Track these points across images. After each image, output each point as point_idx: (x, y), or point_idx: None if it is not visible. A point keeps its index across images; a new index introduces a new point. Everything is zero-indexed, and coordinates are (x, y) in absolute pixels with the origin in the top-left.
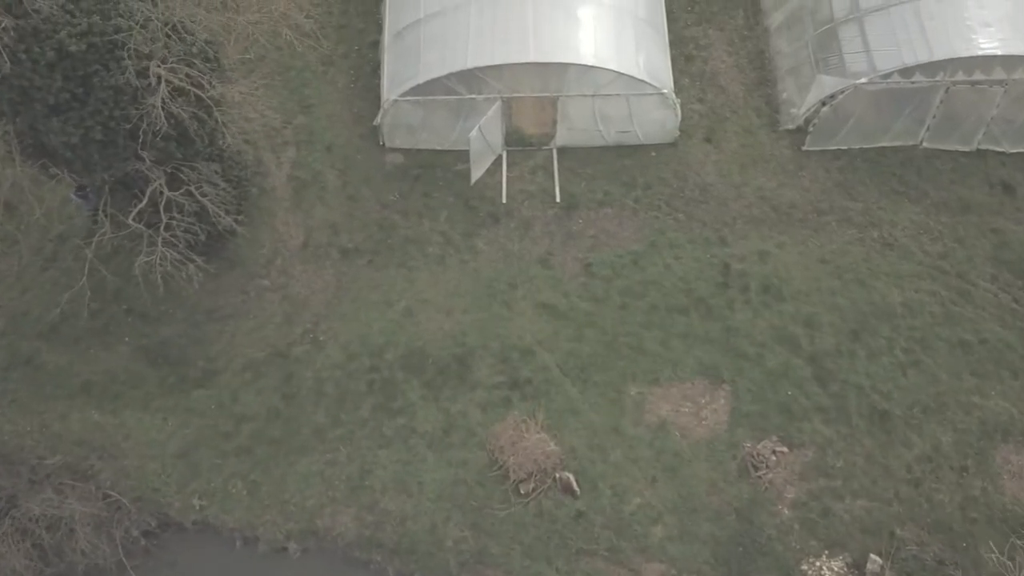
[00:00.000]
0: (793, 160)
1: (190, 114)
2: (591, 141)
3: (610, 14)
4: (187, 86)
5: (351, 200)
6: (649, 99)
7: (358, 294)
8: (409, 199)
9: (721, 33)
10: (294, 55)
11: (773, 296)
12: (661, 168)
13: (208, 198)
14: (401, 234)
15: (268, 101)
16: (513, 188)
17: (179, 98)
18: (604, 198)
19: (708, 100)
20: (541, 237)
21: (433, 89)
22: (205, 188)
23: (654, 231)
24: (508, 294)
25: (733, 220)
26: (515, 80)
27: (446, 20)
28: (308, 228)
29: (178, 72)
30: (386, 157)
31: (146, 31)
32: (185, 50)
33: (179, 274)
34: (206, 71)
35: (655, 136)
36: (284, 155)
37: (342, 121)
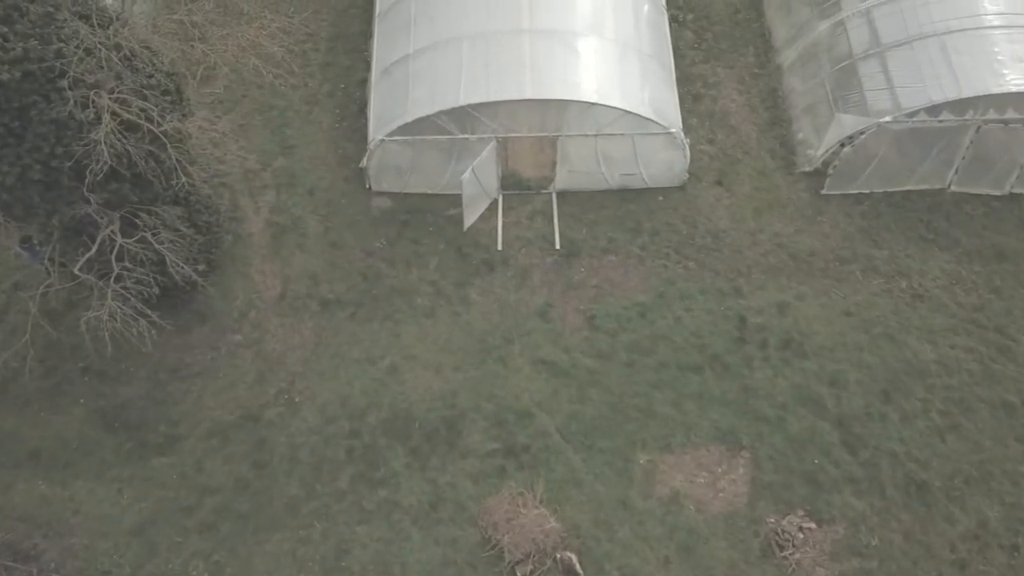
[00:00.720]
0: (811, 204)
1: (145, 152)
2: (593, 184)
3: (613, 48)
4: (139, 120)
5: (333, 247)
6: (656, 139)
7: (338, 350)
8: (396, 246)
9: (730, 71)
10: (276, 94)
11: (794, 352)
12: (669, 213)
13: (167, 246)
14: (387, 284)
15: (247, 142)
16: (509, 234)
17: (132, 134)
18: (608, 245)
19: (718, 141)
20: (540, 287)
21: (423, 128)
22: (163, 235)
23: (663, 281)
24: (503, 350)
25: (748, 269)
26: (511, 119)
27: (436, 55)
28: (286, 278)
29: (129, 105)
30: (372, 201)
31: (92, 58)
32: (141, 82)
33: (130, 332)
34: (165, 105)
35: (662, 179)
36: (262, 199)
37: (326, 163)
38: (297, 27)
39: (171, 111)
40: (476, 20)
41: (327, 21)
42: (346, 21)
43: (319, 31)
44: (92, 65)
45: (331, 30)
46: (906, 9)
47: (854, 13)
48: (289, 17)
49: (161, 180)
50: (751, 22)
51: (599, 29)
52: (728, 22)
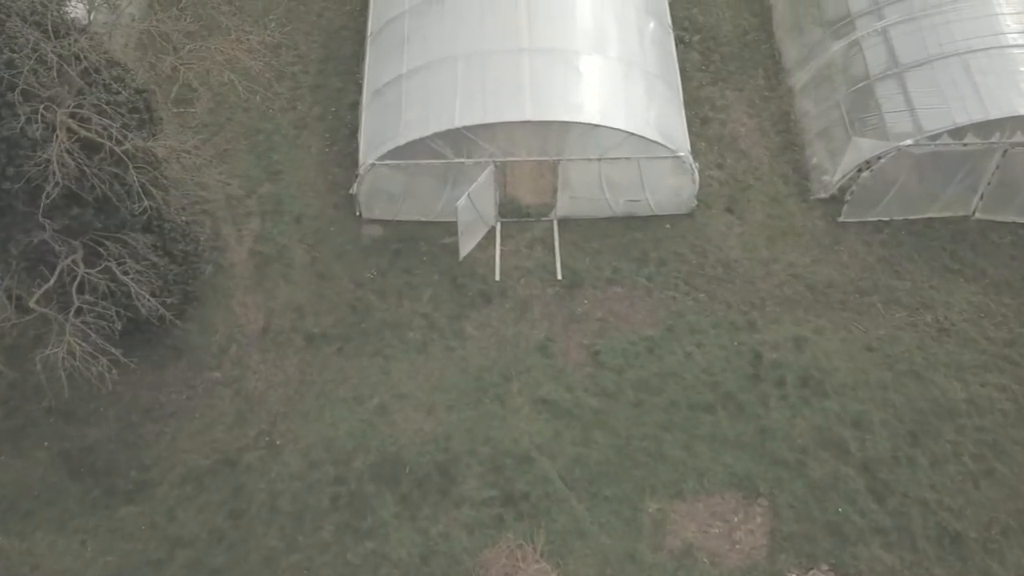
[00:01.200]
0: (828, 233)
1: (109, 175)
2: (597, 211)
3: (617, 67)
4: (100, 139)
5: (320, 278)
6: (663, 163)
7: (324, 388)
8: (387, 277)
9: (740, 94)
10: (263, 117)
11: (814, 391)
12: (677, 242)
13: (133, 276)
14: (377, 317)
15: (231, 167)
16: (508, 264)
17: (94, 154)
18: (612, 275)
19: (728, 166)
20: (540, 320)
21: (416, 152)
22: (129, 265)
23: (671, 314)
24: (501, 388)
25: (762, 301)
26: (509, 142)
27: (430, 75)
28: (269, 311)
29: (88, 122)
30: (363, 229)
31: (47, 69)
32: (106, 98)
33: (89, 371)
34: (132, 123)
35: (670, 206)
36: (246, 227)
37: (314, 189)
38: (279, 42)
39: (139, 130)
40: (472, 38)
41: (318, 43)
42: (337, 43)
43: (309, 53)
44: (48, 78)
45: (322, 52)
46: (925, 28)
47: (869, 33)
48: (270, 32)
49: (128, 205)
50: (760, 43)
51: (602, 48)
52: (736, 43)
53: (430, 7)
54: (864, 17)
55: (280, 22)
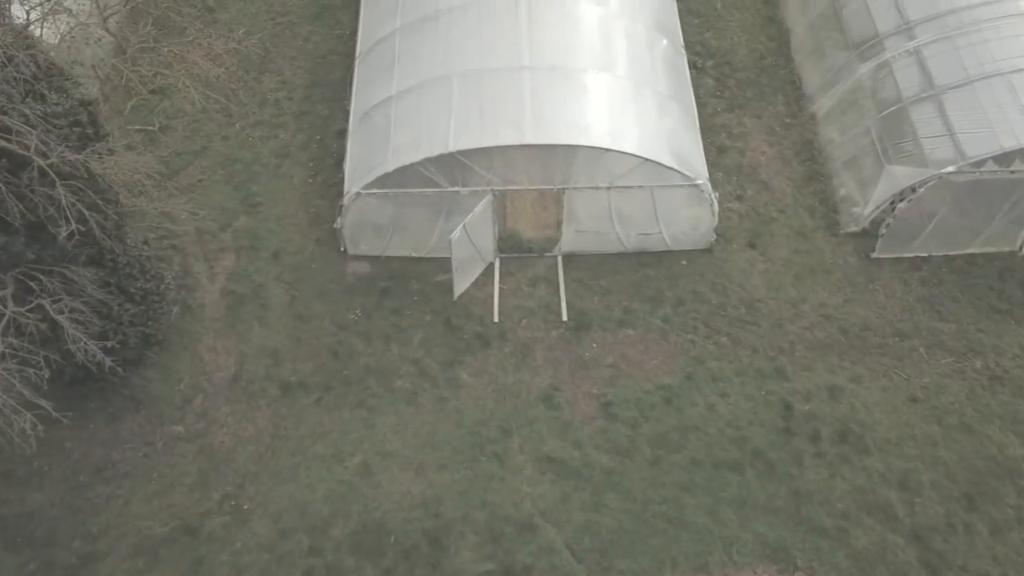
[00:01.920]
0: (861, 270)
1: (42, 196)
2: (606, 246)
3: (627, 87)
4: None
5: (299, 320)
6: (679, 192)
7: (300, 445)
8: (374, 318)
9: (758, 121)
10: (242, 145)
11: (853, 447)
12: (695, 280)
13: (67, 316)
14: (361, 363)
15: (204, 198)
16: (507, 304)
17: (20, 172)
18: (624, 317)
19: (748, 198)
20: (544, 366)
21: (406, 179)
22: (66, 303)
23: (690, 359)
24: (500, 444)
25: (792, 346)
26: (509, 168)
27: (422, 96)
28: (242, 356)
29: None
30: (347, 266)
31: None
32: (41, 109)
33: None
34: (72, 137)
35: (686, 240)
36: (219, 264)
37: (295, 223)
38: (247, 52)
39: (80, 146)
40: (468, 56)
41: (303, 68)
42: (325, 68)
43: (294, 78)
44: None
45: (308, 77)
46: (962, 47)
47: (900, 53)
48: (237, 39)
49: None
50: (778, 68)
51: (610, 66)
52: (753, 68)
53: (423, 25)
54: (893, 37)
55: (249, 31)
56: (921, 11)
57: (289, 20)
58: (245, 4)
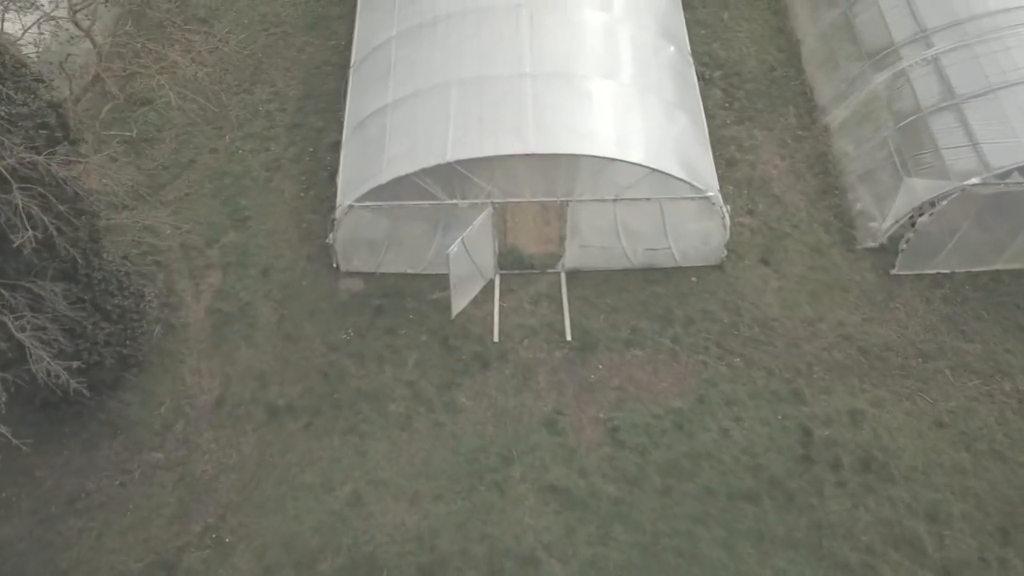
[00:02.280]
0: (880, 287)
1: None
2: (611, 262)
3: (633, 95)
4: None
5: (288, 340)
6: (688, 205)
7: (287, 473)
8: (367, 338)
9: (769, 133)
10: (232, 159)
11: (877, 475)
12: (706, 298)
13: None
14: (353, 386)
15: (191, 212)
16: (508, 322)
17: None
18: (631, 337)
19: (760, 212)
20: (547, 389)
21: (401, 191)
22: (29, 319)
23: (702, 382)
24: (500, 473)
25: (809, 367)
26: (510, 179)
27: (419, 104)
28: (227, 379)
29: None
30: (340, 283)
31: None
32: (7, 111)
33: None
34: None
35: (696, 256)
36: (205, 281)
37: (285, 239)
38: (234, 56)
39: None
40: (467, 63)
41: (297, 79)
42: (319, 79)
43: (287, 89)
44: None
45: (301, 88)
46: (982, 55)
47: (918, 62)
48: (220, 39)
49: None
50: (789, 80)
51: (615, 73)
52: (763, 79)
53: (420, 32)
54: (909, 46)
55: (233, 31)
56: (939, 19)
57: (283, 31)
58: (238, 15)
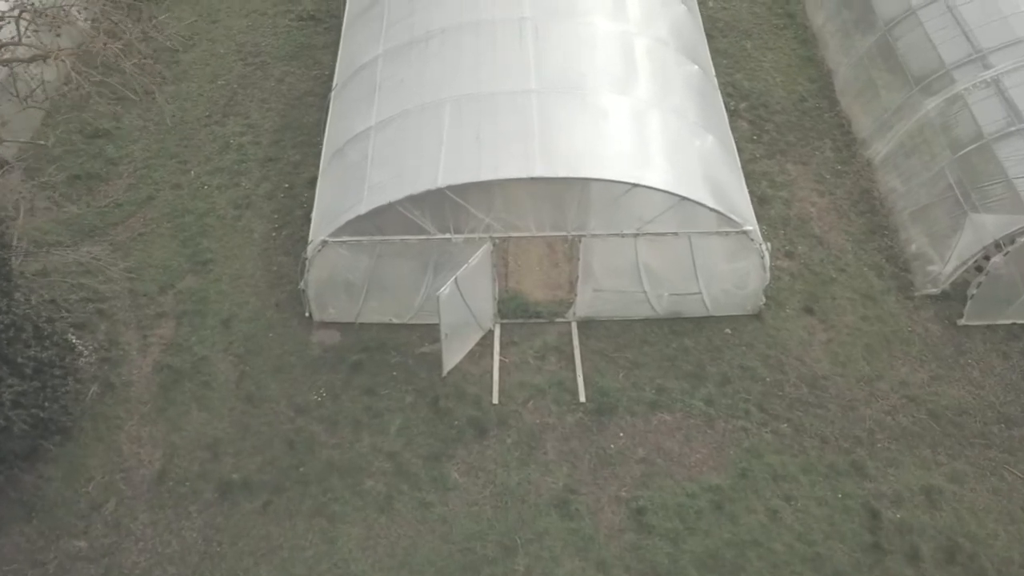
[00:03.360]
0: (947, 340)
1: None
2: (631, 310)
3: (654, 114)
4: None
5: (249, 402)
6: (723, 242)
7: (237, 565)
8: (342, 400)
9: (804, 168)
10: (196, 194)
11: (966, 569)
12: (743, 352)
13: None
14: (323, 458)
15: (145, 254)
16: (510, 381)
17: None
18: (656, 398)
19: (801, 255)
20: (557, 462)
21: (384, 224)
22: None
23: (744, 452)
24: (500, 565)
25: (870, 435)
26: (512, 209)
27: (408, 125)
28: (172, 448)
29: None
30: (313, 335)
31: None
32: None
33: None
34: None
35: (730, 303)
36: (155, 333)
37: (252, 284)
38: (166, 39)
39: None
40: (463, 80)
41: (275, 110)
42: (299, 110)
43: (263, 121)
44: None
45: (279, 120)
46: None
47: (976, 84)
48: (156, 24)
49: None
50: (822, 111)
51: (632, 90)
52: (793, 111)
53: (410, 48)
54: (964, 67)
55: (170, 7)
56: (995, 38)
57: (261, 61)
58: (212, 44)
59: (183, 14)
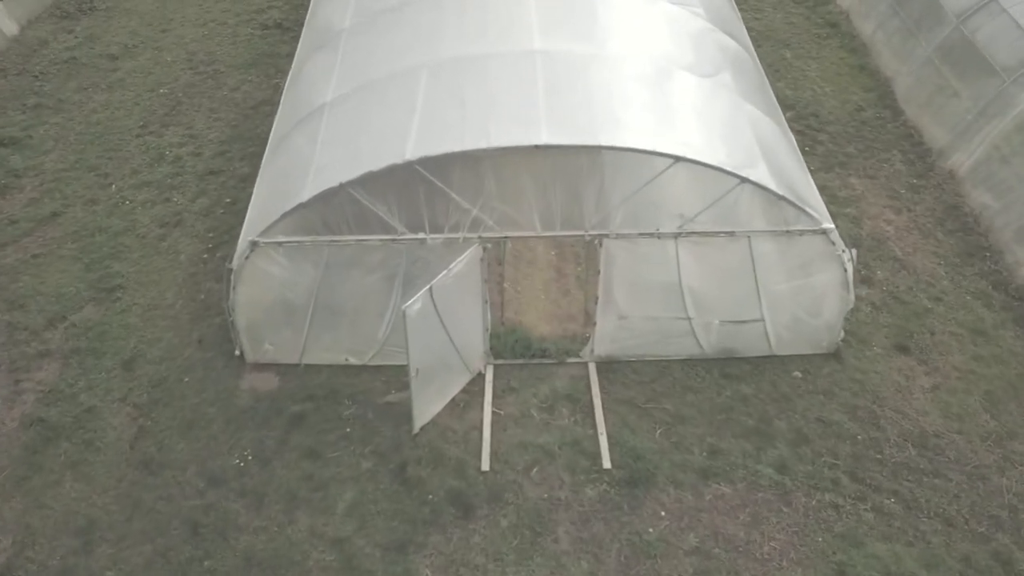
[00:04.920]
0: None
1: None
2: (669, 346)
3: (693, 81)
4: None
5: (144, 469)
6: (794, 246)
7: None
8: (273, 465)
9: (871, 182)
10: (114, 211)
11: None
12: (821, 402)
13: None
14: (239, 548)
15: (35, 279)
16: (507, 441)
17: None
18: (709, 463)
19: (881, 281)
20: (573, 554)
21: (335, 218)
22: None
23: (836, 540)
24: None
25: (1012, 513)
26: (509, 197)
27: (371, 97)
28: (27, 534)
29: None
30: (243, 381)
31: None
32: None
33: None
34: None
35: (798, 337)
36: (31, 377)
37: (170, 316)
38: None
39: None
40: (445, 44)
41: (224, 120)
42: (254, 121)
43: (207, 132)
44: None
45: (228, 131)
46: None
47: None
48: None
49: None
50: (884, 121)
51: (664, 55)
52: (849, 121)
53: (378, 18)
54: None
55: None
56: None
57: (215, 69)
58: (159, 52)
59: (130, 23)
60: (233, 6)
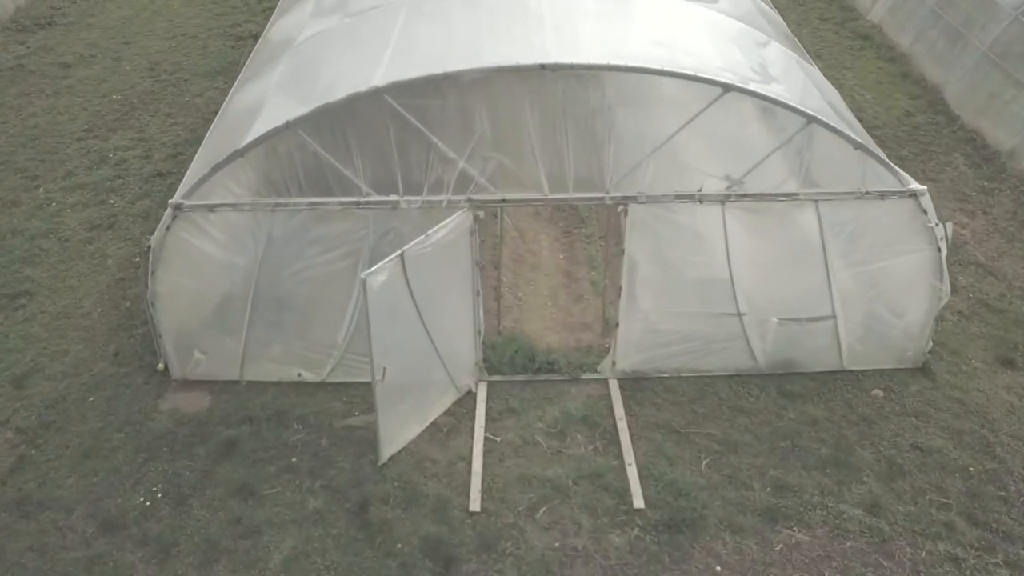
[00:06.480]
0: None
1: None
2: (711, 358)
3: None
4: None
5: (18, 511)
6: (875, 212)
7: None
8: (190, 505)
9: (934, 185)
10: (36, 213)
11: None
12: (912, 426)
13: None
14: None
15: None
16: (504, 474)
17: None
18: (776, 501)
19: (967, 288)
20: None
21: (281, 173)
22: None
23: None
24: None
25: None
26: (507, 144)
27: (339, 36)
28: None
29: None
30: (164, 400)
31: None
32: None
33: None
34: None
35: (875, 346)
36: None
37: (84, 326)
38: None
39: None
40: None
41: (181, 124)
42: None
43: (160, 135)
44: None
45: (184, 134)
46: None
47: None
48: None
49: None
50: (939, 126)
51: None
52: (899, 125)
53: None
54: None
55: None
56: None
57: (178, 78)
58: (117, 62)
59: (90, 36)
60: (206, 21)
